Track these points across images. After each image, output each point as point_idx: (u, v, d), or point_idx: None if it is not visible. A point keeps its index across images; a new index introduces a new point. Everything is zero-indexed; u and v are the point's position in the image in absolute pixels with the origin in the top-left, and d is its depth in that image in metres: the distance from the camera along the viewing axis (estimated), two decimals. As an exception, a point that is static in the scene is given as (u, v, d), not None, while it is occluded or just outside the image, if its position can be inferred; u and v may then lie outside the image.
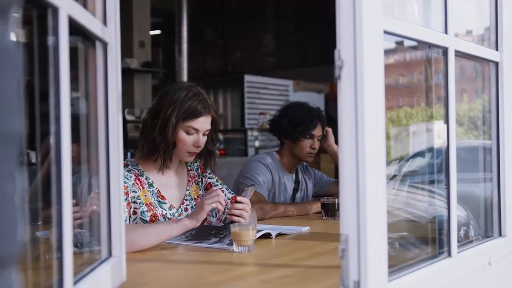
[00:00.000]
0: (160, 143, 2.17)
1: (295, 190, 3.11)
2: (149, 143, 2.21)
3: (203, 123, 2.21)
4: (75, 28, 1.10)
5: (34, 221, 1.34)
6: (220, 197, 2.02)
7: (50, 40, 1.00)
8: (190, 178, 2.38)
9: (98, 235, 1.36)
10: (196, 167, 2.42)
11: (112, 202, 1.36)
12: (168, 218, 2.22)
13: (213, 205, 1.99)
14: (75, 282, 1.07)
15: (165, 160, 2.23)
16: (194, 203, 2.34)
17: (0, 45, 0.56)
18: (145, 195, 2.19)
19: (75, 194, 1.05)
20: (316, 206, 2.81)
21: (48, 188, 1.02)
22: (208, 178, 2.43)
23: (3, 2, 0.57)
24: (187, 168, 2.40)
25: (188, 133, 2.20)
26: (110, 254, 1.36)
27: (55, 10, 0.98)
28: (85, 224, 1.47)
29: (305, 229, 2.35)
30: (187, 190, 2.35)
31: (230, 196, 2.39)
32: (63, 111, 0.99)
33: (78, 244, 1.35)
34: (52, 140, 1.00)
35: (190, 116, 2.18)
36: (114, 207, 1.36)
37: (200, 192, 2.39)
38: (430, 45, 1.54)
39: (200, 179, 2.42)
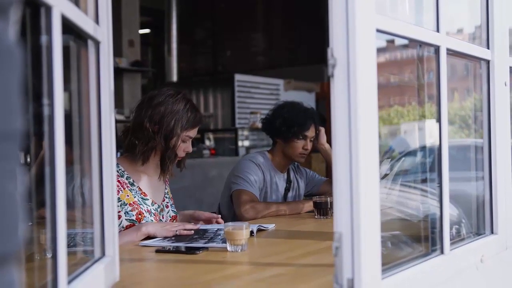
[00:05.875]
0: (164, 152, 2.25)
1: (287, 190, 3.11)
2: (150, 150, 2.25)
3: (196, 131, 2.34)
4: (67, 27, 1.09)
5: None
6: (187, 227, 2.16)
7: (43, 39, 0.99)
8: (166, 179, 2.46)
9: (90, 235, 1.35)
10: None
11: (105, 202, 1.35)
12: (153, 213, 2.28)
13: (175, 232, 2.11)
14: (69, 282, 1.07)
15: (168, 168, 2.30)
16: (172, 202, 2.45)
17: (1, 44, 0.56)
18: (127, 195, 2.22)
19: (66, 195, 1.05)
20: (308, 205, 2.82)
21: (39, 188, 1.01)
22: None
23: (3, 1, 0.57)
24: None
25: (184, 141, 2.28)
26: (103, 253, 1.35)
27: (48, 8, 0.97)
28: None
29: (271, 226, 2.35)
30: (166, 189, 2.44)
31: (172, 214, 2.44)
32: (57, 110, 0.99)
33: (70, 243, 1.34)
34: (45, 140, 0.99)
35: (191, 126, 2.28)
36: (107, 207, 1.36)
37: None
38: (422, 43, 1.55)
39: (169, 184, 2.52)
